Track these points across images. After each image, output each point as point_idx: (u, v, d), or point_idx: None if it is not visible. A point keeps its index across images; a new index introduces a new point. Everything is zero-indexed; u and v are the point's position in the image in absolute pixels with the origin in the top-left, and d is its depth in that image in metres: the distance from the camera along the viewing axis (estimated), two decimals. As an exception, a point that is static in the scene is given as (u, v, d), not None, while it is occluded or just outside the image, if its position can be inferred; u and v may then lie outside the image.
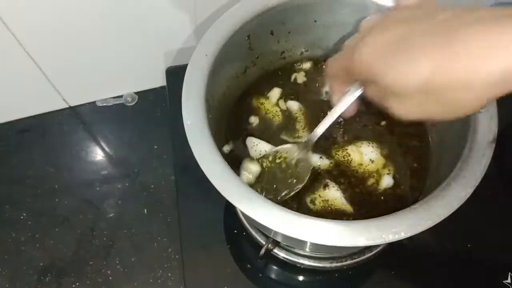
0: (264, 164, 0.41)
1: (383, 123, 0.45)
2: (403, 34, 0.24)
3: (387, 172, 0.41)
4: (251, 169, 0.40)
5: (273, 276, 0.48)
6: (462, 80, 0.21)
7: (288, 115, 0.46)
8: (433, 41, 0.22)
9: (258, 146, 0.42)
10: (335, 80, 0.33)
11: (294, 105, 0.46)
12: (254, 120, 0.45)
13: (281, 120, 0.45)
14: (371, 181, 0.41)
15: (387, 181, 0.41)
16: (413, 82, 0.23)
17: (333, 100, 0.35)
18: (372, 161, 0.42)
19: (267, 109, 0.46)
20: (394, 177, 0.41)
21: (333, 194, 0.40)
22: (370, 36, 0.26)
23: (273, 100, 0.46)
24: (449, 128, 0.39)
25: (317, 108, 0.46)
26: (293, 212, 0.30)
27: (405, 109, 0.25)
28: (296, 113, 0.46)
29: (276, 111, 0.46)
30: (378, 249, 0.47)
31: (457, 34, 0.21)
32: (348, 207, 0.39)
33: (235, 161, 0.42)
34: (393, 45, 0.24)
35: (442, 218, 0.29)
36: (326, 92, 0.47)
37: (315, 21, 0.45)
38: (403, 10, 0.27)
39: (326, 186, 0.40)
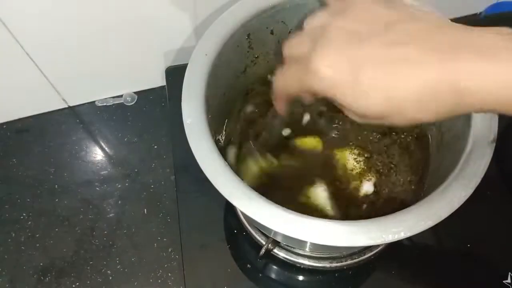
0: None
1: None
2: (353, 56, 0.23)
3: (368, 178, 0.41)
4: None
5: (273, 276, 0.48)
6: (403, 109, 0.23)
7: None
8: (385, 71, 0.22)
9: None
10: (284, 95, 0.30)
11: None
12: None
13: None
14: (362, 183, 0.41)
15: (366, 187, 0.41)
16: (369, 114, 0.24)
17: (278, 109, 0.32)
18: (360, 164, 0.42)
19: None
20: (392, 178, 0.41)
21: (319, 194, 0.40)
22: (323, 47, 0.24)
23: None
24: (449, 128, 0.39)
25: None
26: (294, 212, 0.30)
27: (360, 119, 0.25)
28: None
29: None
30: (378, 249, 0.47)
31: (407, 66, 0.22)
32: (329, 210, 0.39)
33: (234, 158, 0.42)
34: (348, 70, 0.23)
35: (442, 218, 0.29)
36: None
37: (315, 20, 0.45)
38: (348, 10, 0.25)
39: (313, 183, 0.40)
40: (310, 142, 0.41)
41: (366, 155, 0.43)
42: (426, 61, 0.22)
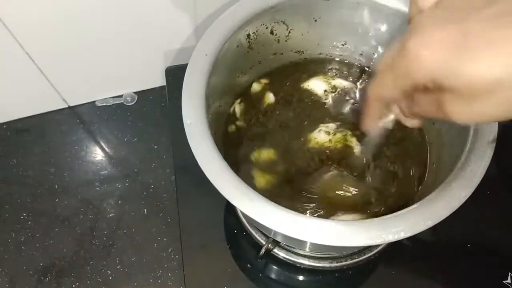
0: None
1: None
2: (458, 30, 0.21)
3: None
4: None
5: (273, 276, 0.48)
6: None
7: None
8: (498, 34, 0.20)
9: None
10: (376, 100, 0.28)
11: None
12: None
13: None
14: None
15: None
16: (484, 81, 0.21)
17: (366, 125, 0.31)
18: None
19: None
20: (392, 178, 0.41)
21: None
22: (421, 35, 0.22)
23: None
24: (449, 129, 0.39)
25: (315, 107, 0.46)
26: (293, 211, 0.30)
27: (466, 112, 0.23)
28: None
29: None
30: (378, 249, 0.47)
31: None
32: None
33: (235, 160, 0.42)
34: (454, 43, 0.21)
35: (442, 218, 0.29)
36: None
37: (315, 20, 0.45)
38: (441, 7, 0.24)
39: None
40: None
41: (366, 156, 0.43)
42: None
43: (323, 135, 0.43)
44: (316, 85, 0.48)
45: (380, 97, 0.27)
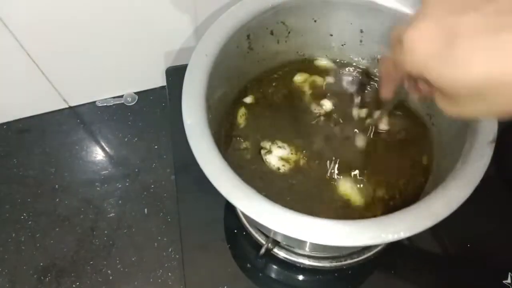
0: None
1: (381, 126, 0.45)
2: (451, 26, 0.21)
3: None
4: None
5: (273, 275, 0.48)
6: None
7: None
8: (488, 39, 0.20)
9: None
10: (387, 78, 0.31)
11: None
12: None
13: None
14: None
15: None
16: (466, 85, 0.21)
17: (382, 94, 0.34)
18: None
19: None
20: (391, 179, 0.41)
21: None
22: (418, 27, 0.22)
23: None
24: (449, 128, 0.39)
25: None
26: (293, 211, 0.30)
27: (453, 109, 0.23)
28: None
29: None
30: (377, 249, 0.47)
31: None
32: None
33: (234, 160, 0.42)
34: (443, 42, 0.21)
35: (442, 218, 0.29)
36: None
37: (315, 21, 0.45)
38: None
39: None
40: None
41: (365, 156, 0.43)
42: None
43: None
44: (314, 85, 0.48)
45: (387, 76, 0.30)
